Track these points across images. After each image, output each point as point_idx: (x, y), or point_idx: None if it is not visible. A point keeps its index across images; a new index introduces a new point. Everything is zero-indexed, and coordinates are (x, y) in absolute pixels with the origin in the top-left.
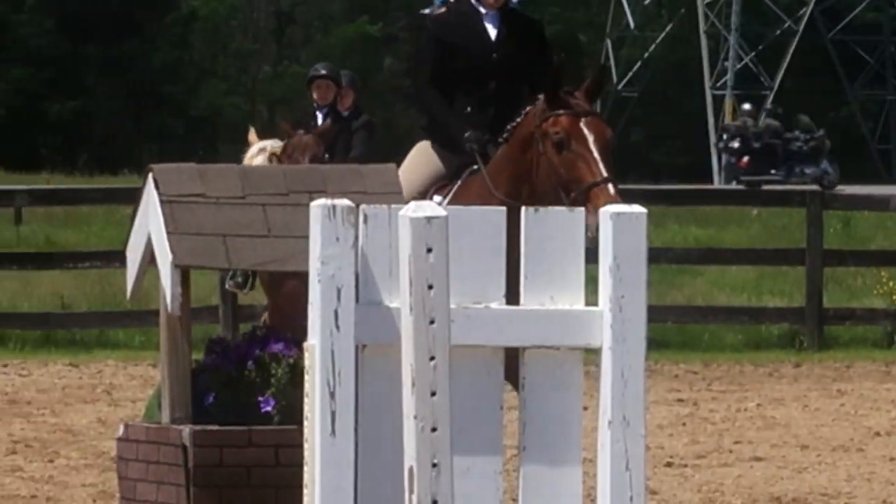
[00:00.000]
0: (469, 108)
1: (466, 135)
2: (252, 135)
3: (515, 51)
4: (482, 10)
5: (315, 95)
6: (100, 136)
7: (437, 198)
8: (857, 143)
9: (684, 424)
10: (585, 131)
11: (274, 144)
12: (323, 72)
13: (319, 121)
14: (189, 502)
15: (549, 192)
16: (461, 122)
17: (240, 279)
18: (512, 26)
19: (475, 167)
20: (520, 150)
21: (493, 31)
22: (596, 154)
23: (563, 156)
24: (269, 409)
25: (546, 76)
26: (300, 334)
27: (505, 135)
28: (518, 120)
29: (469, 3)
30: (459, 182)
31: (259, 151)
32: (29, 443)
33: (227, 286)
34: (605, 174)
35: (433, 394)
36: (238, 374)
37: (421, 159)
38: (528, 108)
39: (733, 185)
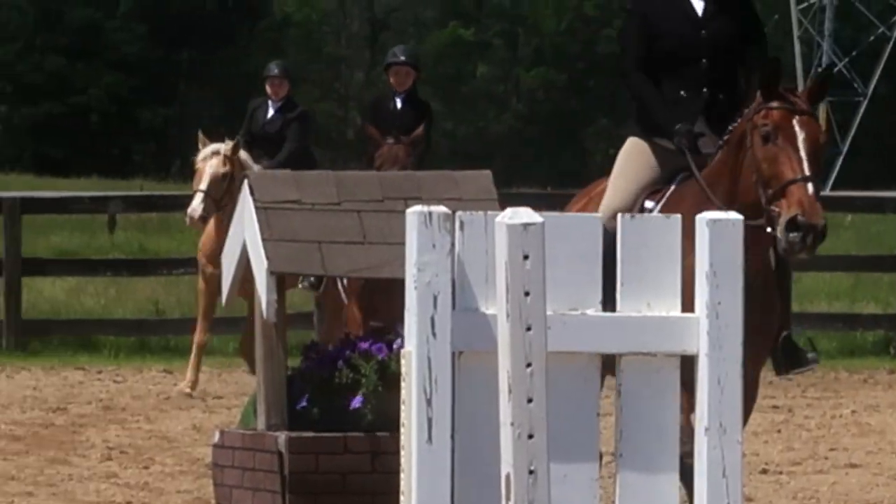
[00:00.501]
0: (682, 92)
1: (677, 127)
2: (202, 137)
3: (725, 24)
4: None
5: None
6: (192, 142)
7: (649, 203)
8: None
9: (779, 431)
10: (796, 128)
11: (225, 147)
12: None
13: (270, 112)
14: None
15: (750, 189)
16: (672, 111)
17: (314, 279)
18: None
19: (688, 173)
20: (735, 151)
21: (699, 5)
22: (802, 151)
23: (767, 149)
24: (357, 404)
25: (759, 51)
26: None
27: (725, 136)
28: (737, 121)
29: None
30: (673, 187)
31: (213, 154)
32: (124, 449)
33: (300, 286)
34: (807, 172)
35: (530, 400)
36: (329, 377)
37: (634, 162)
38: (746, 109)
39: (828, 192)
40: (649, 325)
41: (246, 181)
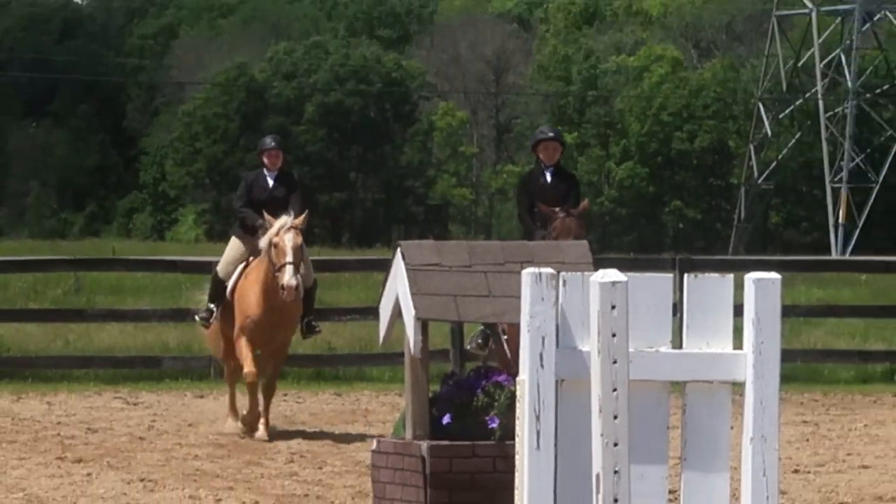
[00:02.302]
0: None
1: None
2: (268, 217)
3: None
4: None
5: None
6: (359, 219)
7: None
8: None
9: (808, 440)
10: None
11: (294, 221)
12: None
13: (270, 182)
14: (426, 500)
15: None
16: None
17: (480, 341)
18: None
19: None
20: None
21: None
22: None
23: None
24: (494, 426)
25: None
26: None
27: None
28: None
29: None
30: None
31: (287, 228)
32: (303, 454)
33: (468, 347)
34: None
35: (615, 417)
36: (467, 401)
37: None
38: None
39: (848, 256)
40: (708, 359)
41: (399, 249)
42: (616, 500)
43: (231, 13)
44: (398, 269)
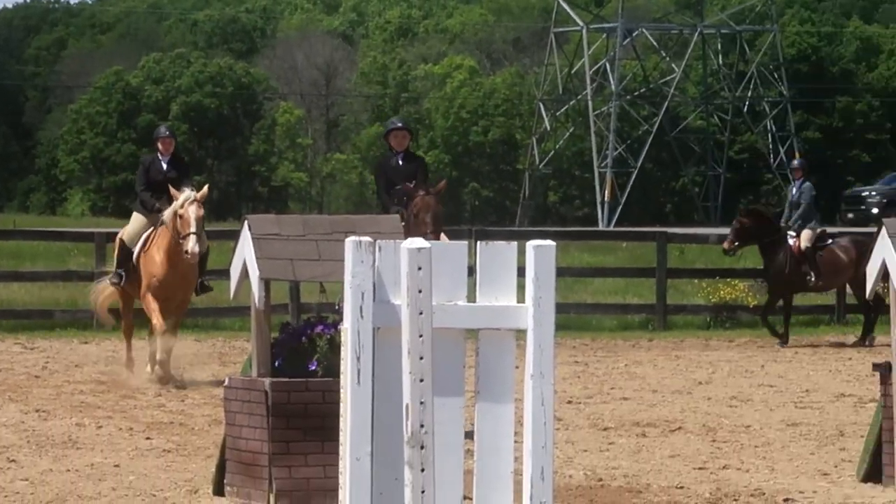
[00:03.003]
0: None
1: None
2: (173, 190)
3: (410, 167)
4: None
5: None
6: (215, 198)
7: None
8: (689, 201)
9: (579, 377)
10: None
11: (197, 194)
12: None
13: (164, 165)
14: (269, 426)
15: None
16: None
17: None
18: None
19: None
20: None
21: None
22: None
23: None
24: (313, 367)
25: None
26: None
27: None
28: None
29: None
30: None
31: (191, 202)
32: (169, 388)
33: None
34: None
35: (421, 358)
36: (296, 346)
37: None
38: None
39: (612, 228)
40: (497, 311)
41: (246, 221)
42: (422, 426)
43: (110, 30)
44: (245, 238)
